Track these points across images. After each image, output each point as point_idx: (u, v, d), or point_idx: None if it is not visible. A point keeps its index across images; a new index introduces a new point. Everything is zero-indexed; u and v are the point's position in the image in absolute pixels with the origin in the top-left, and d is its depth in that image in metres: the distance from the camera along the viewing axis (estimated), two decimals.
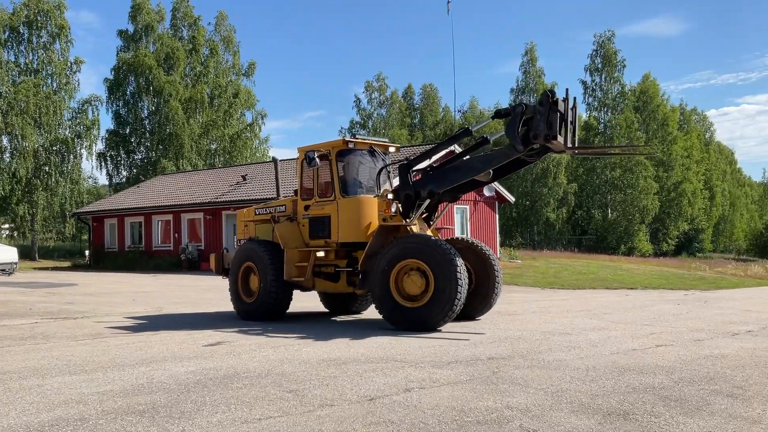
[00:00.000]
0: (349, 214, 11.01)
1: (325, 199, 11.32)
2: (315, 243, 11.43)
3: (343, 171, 11.31)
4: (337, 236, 11.08)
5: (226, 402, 5.63)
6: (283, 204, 12.20)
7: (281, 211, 12.09)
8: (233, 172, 36.13)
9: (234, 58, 52.91)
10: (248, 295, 11.77)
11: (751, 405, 5.65)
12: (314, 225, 11.43)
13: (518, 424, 5.04)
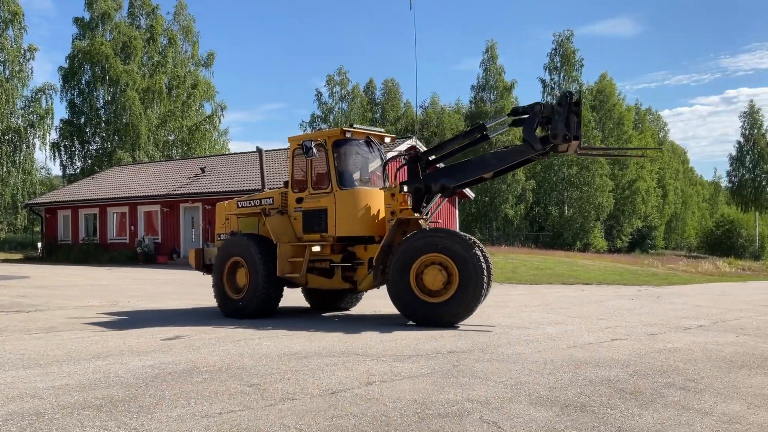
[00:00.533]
0: (349, 207, 10.63)
1: (321, 192, 10.85)
2: (309, 237, 10.95)
3: (341, 162, 10.89)
4: (335, 230, 10.64)
5: (186, 396, 5.57)
6: (270, 196, 11.70)
7: (269, 203, 11.56)
8: (191, 164, 35.66)
9: (193, 48, 52.18)
10: (236, 292, 11.23)
11: (702, 397, 5.83)
12: (309, 218, 10.97)
13: (478, 417, 5.10)
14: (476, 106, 55.02)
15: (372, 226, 10.75)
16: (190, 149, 49.65)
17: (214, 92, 51.77)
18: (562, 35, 56.64)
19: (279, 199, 11.48)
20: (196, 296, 15.23)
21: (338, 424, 4.84)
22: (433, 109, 65.36)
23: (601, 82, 59.75)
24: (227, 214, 12.46)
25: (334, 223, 10.64)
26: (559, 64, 56.29)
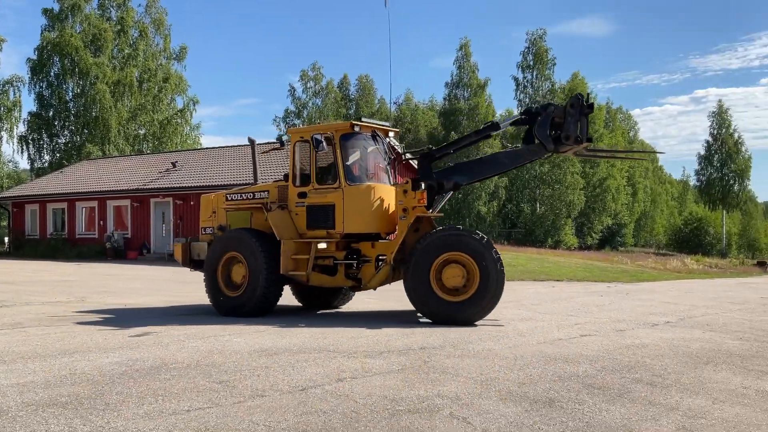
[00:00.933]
0: (358, 203, 10.38)
1: (327, 187, 10.54)
2: (314, 234, 10.61)
3: (348, 156, 10.61)
4: (343, 227, 10.37)
5: (153, 393, 5.51)
6: (265, 189, 11.29)
7: (264, 197, 11.17)
8: (162, 158, 35.25)
9: (165, 41, 51.51)
10: (231, 289, 10.77)
11: (669, 392, 5.91)
12: (314, 214, 10.59)
13: (448, 412, 5.12)
14: (450, 104, 55.16)
15: (381, 223, 10.57)
16: (161, 143, 49.05)
17: (186, 86, 51.21)
18: (535, 34, 57.02)
19: (276, 193, 11.10)
20: (166, 292, 15.07)
21: (307, 421, 4.82)
22: (407, 105, 65.45)
23: (573, 81, 60.21)
24: (214, 208, 11.96)
25: (342, 220, 10.36)
26: (532, 62, 56.64)
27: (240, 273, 10.72)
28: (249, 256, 10.51)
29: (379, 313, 11.55)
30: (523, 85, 57.06)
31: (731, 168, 64.47)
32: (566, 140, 10.09)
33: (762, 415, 5.25)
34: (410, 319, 10.44)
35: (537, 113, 10.34)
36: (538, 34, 56.88)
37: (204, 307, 12.05)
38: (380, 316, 10.98)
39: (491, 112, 56.30)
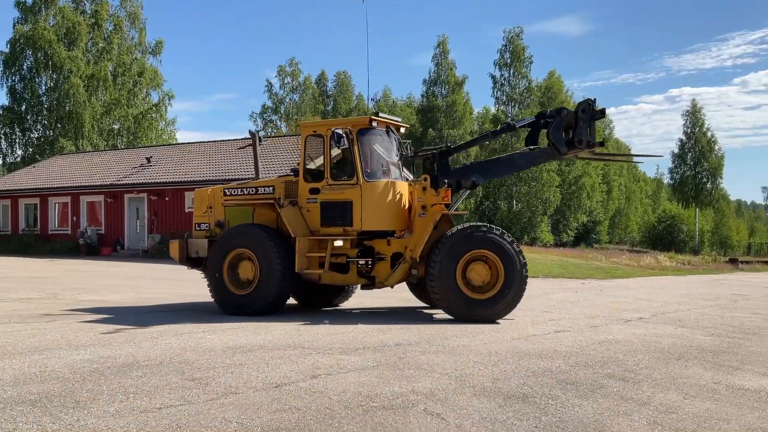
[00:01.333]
0: (376, 199, 10.19)
1: (343, 183, 10.30)
2: (329, 231, 10.35)
3: (365, 151, 10.36)
4: (361, 224, 10.16)
5: (125, 391, 5.44)
6: (270, 185, 10.97)
7: (268, 192, 10.85)
8: (137, 153, 34.85)
9: (140, 35, 50.85)
10: (239, 287, 10.40)
11: (641, 388, 5.97)
12: (330, 211, 10.32)
13: (422, 408, 5.12)
14: (428, 101, 55.25)
15: (397, 220, 10.43)
16: (135, 138, 48.49)
17: (162, 80, 50.63)
18: (512, 32, 57.24)
19: (282, 189, 10.76)
20: (140, 289, 14.91)
21: (281, 418, 4.79)
22: (385, 102, 65.45)
23: (549, 79, 60.67)
24: (210, 203, 11.48)
25: (359, 217, 10.15)
26: (509, 60, 56.86)
27: (249, 270, 10.37)
28: (260, 253, 10.18)
29: (373, 311, 11.54)
30: (501, 83, 57.28)
31: (704, 166, 65.35)
32: (579, 144, 10.35)
33: (732, 410, 5.33)
34: (392, 315, 10.44)
35: (551, 116, 10.56)
36: (515, 33, 57.12)
37: (178, 304, 11.96)
38: (375, 314, 10.98)
39: (468, 109, 56.52)
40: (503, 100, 57.37)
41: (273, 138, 34.33)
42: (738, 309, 12.78)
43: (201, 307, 11.36)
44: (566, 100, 60.74)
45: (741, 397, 5.74)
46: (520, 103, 56.70)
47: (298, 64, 65.85)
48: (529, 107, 55.80)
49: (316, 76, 70.40)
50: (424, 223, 10.13)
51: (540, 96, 58.50)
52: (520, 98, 56.80)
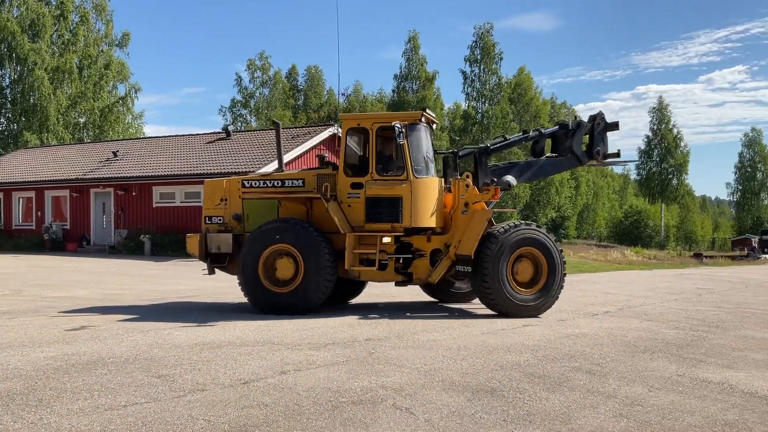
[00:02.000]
0: (424, 196, 10.05)
1: (391, 178, 10.07)
2: (374, 227, 10.08)
3: (413, 147, 10.14)
4: (410, 221, 9.99)
5: (89, 388, 5.34)
6: (299, 177, 10.50)
7: (298, 186, 10.40)
8: (103, 147, 34.26)
9: (107, 27, 49.93)
10: (277, 285, 9.98)
11: (607, 381, 6.05)
12: (377, 206, 10.04)
13: (391, 403, 5.12)
14: (399, 96, 55.23)
15: (439, 217, 10.33)
16: (102, 132, 47.65)
17: (129, 73, 49.77)
18: (482, 28, 57.44)
19: (314, 182, 10.36)
20: (106, 285, 14.68)
21: (249, 415, 4.75)
22: (356, 97, 65.25)
23: (519, 75, 61.09)
24: (225, 195, 10.89)
25: (409, 213, 9.98)
26: (480, 56, 57.11)
27: (288, 268, 9.97)
28: (307, 250, 9.83)
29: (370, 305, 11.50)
30: (471, 78, 57.49)
31: (670, 162, 66.49)
32: (597, 155, 11.55)
33: (695, 402, 5.42)
34: (369, 310, 10.43)
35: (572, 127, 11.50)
36: (485, 29, 57.34)
37: (145, 300, 11.79)
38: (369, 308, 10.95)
39: (439, 105, 56.62)
40: (474, 96, 57.61)
41: (243, 132, 34.02)
42: (702, 303, 13.03)
43: (169, 304, 11.23)
44: (536, 97, 61.28)
45: (704, 389, 5.85)
46: (490, 99, 57.00)
47: (268, 58, 65.35)
48: (499, 103, 56.16)
49: (287, 71, 70.00)
50: (475, 220, 10.08)
51: (510, 92, 58.89)
52: (490, 94, 57.09)
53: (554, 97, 74.43)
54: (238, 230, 10.77)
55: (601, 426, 4.75)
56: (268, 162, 25.24)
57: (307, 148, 27.45)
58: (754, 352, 7.72)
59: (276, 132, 11.68)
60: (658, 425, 4.81)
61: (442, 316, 9.98)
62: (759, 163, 75.55)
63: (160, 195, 27.42)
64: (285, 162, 25.85)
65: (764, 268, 30.31)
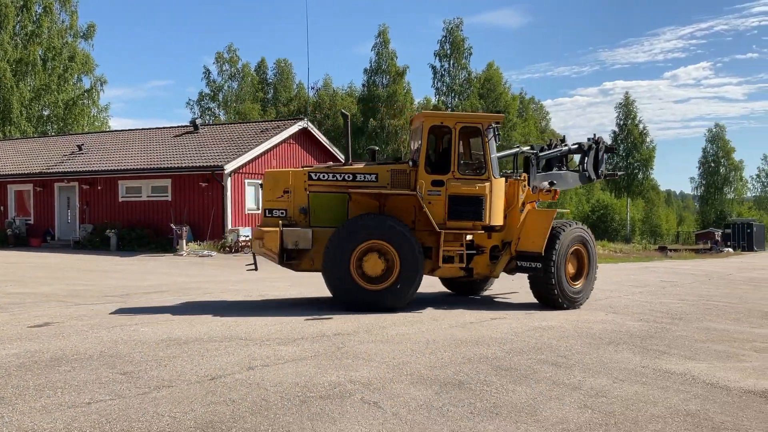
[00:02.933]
0: (499, 195, 10.53)
1: (473, 177, 10.30)
2: (456, 224, 10.23)
3: (493, 148, 10.49)
4: (489, 219, 10.29)
5: (53, 386, 5.26)
6: (373, 172, 10.35)
7: (371, 181, 10.29)
8: (68, 141, 33.61)
9: (71, 18, 48.93)
10: (368, 282, 9.84)
11: (572, 372, 6.13)
12: (461, 205, 10.18)
13: (359, 398, 5.13)
14: (369, 90, 55.16)
15: (502, 215, 10.80)
16: (66, 125, 46.75)
17: (94, 65, 48.86)
18: (452, 23, 57.69)
19: (388, 177, 10.29)
20: (71, 280, 14.43)
21: (215, 411, 4.72)
22: (326, 91, 65.00)
23: (488, 71, 61.45)
24: (289, 187, 10.44)
25: (489, 212, 10.27)
26: (449, 51, 57.33)
27: (378, 264, 9.88)
28: (404, 247, 9.81)
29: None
30: (441, 73, 57.71)
31: (636, 157, 67.50)
32: (601, 175, 12.92)
33: (658, 393, 5.53)
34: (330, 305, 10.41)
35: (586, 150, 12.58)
36: (454, 24, 57.58)
37: (110, 295, 11.62)
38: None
39: (409, 99, 56.67)
40: (443, 91, 57.83)
41: (211, 126, 33.66)
42: (666, 295, 13.26)
43: (135, 300, 11.08)
44: (504, 92, 61.65)
45: (667, 380, 5.96)
46: (460, 94, 57.27)
47: (237, 50, 64.68)
48: (469, 98, 56.44)
49: (256, 64, 69.43)
50: (542, 219, 10.71)
51: (479, 87, 59.22)
52: (460, 89, 57.35)
53: (523, 93, 74.97)
54: (303, 224, 10.39)
55: (566, 417, 4.82)
56: (237, 156, 25.03)
57: (277, 142, 27.27)
58: (716, 344, 7.89)
59: (345, 124, 11.42)
60: (622, 416, 4.89)
61: (408, 309, 9.98)
62: (722, 158, 77.01)
63: (126, 189, 27.01)
64: (253, 157, 25.72)
65: (727, 261, 30.97)
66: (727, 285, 15.95)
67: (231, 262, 20.92)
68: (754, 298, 13.09)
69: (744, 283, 16.44)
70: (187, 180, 25.38)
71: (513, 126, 60.42)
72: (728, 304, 11.80)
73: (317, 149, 30.03)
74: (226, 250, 23.71)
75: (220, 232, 24.48)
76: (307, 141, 29.54)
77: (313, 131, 29.87)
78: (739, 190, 79.18)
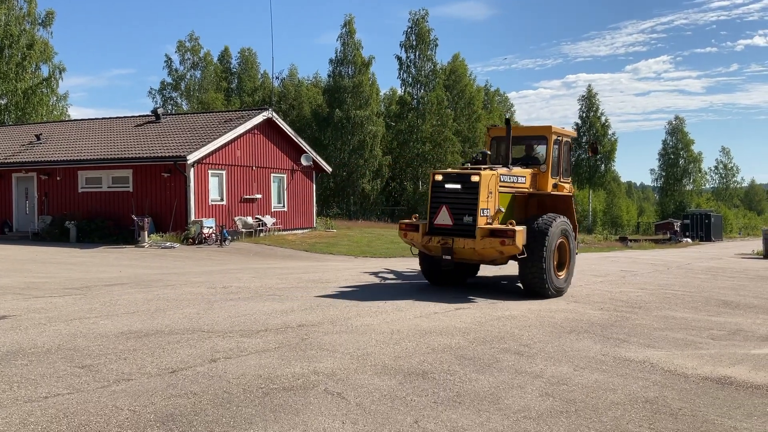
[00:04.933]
0: None
1: (566, 181, 13.01)
2: None
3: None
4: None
5: (8, 380, 5.13)
6: (522, 175, 11.84)
7: (523, 183, 11.85)
8: (26, 130, 32.81)
9: (29, 5, 47.63)
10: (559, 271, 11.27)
11: (534, 361, 6.20)
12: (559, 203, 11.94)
13: (323, 389, 5.11)
14: (334, 81, 54.91)
15: None
16: (24, 114, 45.60)
17: (53, 53, 47.66)
18: (417, 14, 57.66)
19: (530, 180, 12.10)
20: (29, 273, 14.11)
21: (176, 404, 4.65)
22: (291, 81, 64.51)
23: (454, 62, 61.65)
24: (491, 189, 10.87)
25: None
26: (415, 42, 57.31)
27: (557, 258, 11.18)
28: (571, 241, 11.56)
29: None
30: (406, 64, 57.67)
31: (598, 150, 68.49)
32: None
33: (618, 380, 5.62)
34: (293, 296, 10.35)
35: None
36: (420, 15, 57.57)
37: (69, 288, 11.39)
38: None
39: (375, 90, 56.57)
40: (409, 82, 57.81)
41: (173, 116, 33.13)
42: (626, 284, 13.49)
43: (95, 292, 10.86)
44: (470, 84, 61.93)
45: (627, 368, 6.07)
46: (425, 85, 57.31)
47: (198, 39, 63.87)
48: (435, 89, 56.54)
49: (219, 53, 68.53)
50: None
51: (445, 79, 59.35)
52: (425, 80, 57.40)
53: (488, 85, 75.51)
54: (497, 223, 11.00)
55: (528, 405, 4.87)
56: (201, 146, 24.69)
57: (241, 132, 26.97)
58: (674, 332, 8.05)
59: (507, 129, 12.08)
60: (582, 403, 4.96)
61: (374, 300, 9.97)
62: (681, 150, 78.65)
63: (86, 180, 26.47)
64: (216, 147, 25.40)
65: (685, 251, 31.64)
66: (686, 274, 16.29)
67: (194, 254, 20.68)
68: (711, 287, 13.39)
69: (702, 273, 16.81)
70: (149, 170, 24.96)
71: (478, 118, 60.80)
72: (686, 293, 12.06)
73: (282, 140, 29.81)
74: (189, 241, 23.42)
75: (183, 223, 24.17)
76: (272, 131, 29.29)
77: (278, 121, 29.62)
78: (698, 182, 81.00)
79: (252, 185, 27.83)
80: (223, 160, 26.21)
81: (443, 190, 10.94)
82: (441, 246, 10.69)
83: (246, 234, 26.27)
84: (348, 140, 52.59)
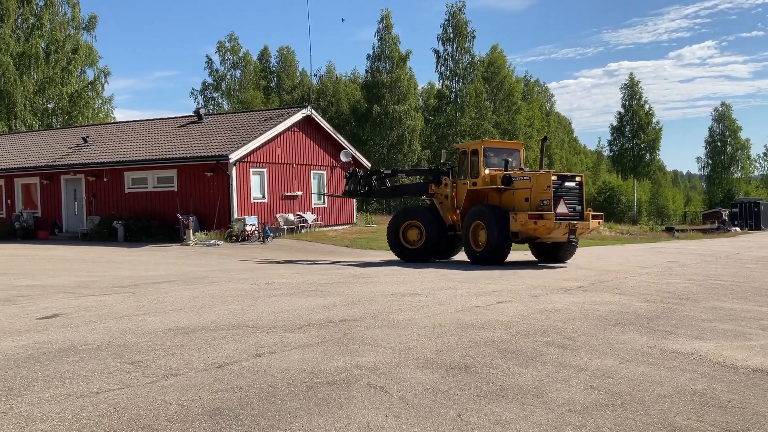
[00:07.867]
0: None
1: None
2: None
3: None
4: None
5: (61, 377, 5.29)
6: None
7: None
8: (73, 133, 33.69)
9: (73, 10, 48.84)
10: None
11: (579, 354, 6.14)
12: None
13: (366, 382, 5.14)
14: (372, 76, 54.99)
15: None
16: (71, 118, 46.83)
17: (97, 57, 48.84)
18: (454, 6, 57.35)
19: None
20: (78, 272, 14.51)
21: (223, 398, 4.74)
22: (329, 78, 64.84)
23: (492, 54, 61.15)
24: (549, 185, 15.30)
25: None
26: (452, 35, 57.02)
27: None
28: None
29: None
30: (444, 58, 57.44)
31: (642, 138, 67.13)
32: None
33: (665, 373, 5.52)
34: (335, 291, 10.43)
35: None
36: (457, 7, 57.24)
37: (118, 286, 11.68)
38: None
39: (413, 84, 56.49)
40: (447, 75, 57.57)
41: (215, 116, 33.61)
42: (672, 276, 13.24)
43: (143, 289, 11.12)
44: (509, 75, 61.33)
45: (674, 360, 5.96)
46: (463, 78, 56.99)
47: (237, 39, 64.67)
48: (473, 82, 56.17)
49: (259, 52, 69.27)
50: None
51: (483, 71, 58.91)
52: (463, 73, 57.07)
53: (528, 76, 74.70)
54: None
55: (572, 398, 4.82)
56: (242, 145, 25.02)
57: (281, 130, 27.25)
58: (723, 323, 7.87)
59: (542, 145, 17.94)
60: (629, 396, 4.89)
61: (415, 295, 9.99)
62: (729, 137, 76.52)
63: (132, 180, 27.09)
64: (257, 145, 25.69)
65: (734, 241, 30.87)
66: (735, 264, 15.91)
67: (238, 251, 20.98)
68: (761, 277, 13.05)
69: (752, 262, 16.39)
70: (193, 170, 25.41)
71: (518, 109, 60.21)
72: (735, 284, 11.77)
73: (321, 137, 30.01)
74: (232, 239, 23.78)
75: (227, 221, 24.55)
76: (311, 128, 29.50)
77: (317, 118, 29.83)
78: (746, 169, 78.71)
79: (292, 182, 28.10)
80: (263, 158, 26.51)
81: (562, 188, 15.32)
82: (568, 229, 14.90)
83: (288, 231, 26.55)
84: (387, 135, 52.65)
